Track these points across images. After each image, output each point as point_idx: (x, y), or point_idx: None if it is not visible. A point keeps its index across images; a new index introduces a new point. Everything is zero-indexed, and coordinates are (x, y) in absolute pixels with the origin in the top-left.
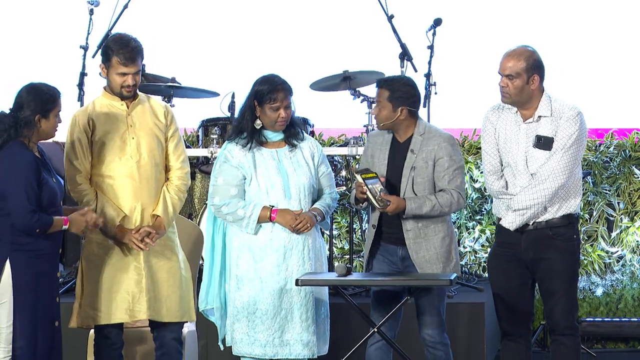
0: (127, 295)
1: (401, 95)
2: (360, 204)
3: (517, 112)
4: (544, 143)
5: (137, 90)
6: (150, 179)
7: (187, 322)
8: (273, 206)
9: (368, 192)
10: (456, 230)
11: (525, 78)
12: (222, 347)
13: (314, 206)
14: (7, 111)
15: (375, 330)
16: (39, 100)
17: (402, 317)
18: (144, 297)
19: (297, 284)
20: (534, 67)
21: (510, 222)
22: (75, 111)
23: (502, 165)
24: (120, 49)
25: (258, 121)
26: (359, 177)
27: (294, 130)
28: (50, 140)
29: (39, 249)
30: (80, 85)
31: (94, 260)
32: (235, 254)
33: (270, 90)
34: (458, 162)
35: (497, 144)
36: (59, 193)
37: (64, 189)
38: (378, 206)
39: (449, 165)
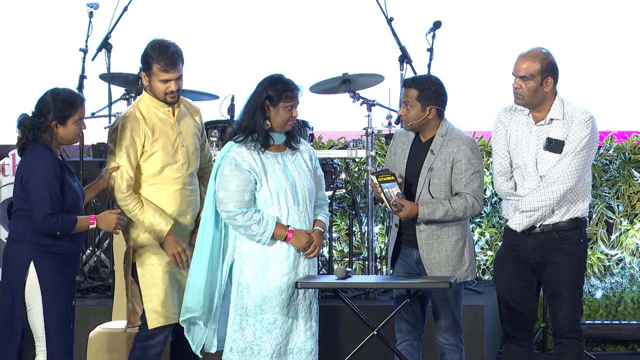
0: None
1: (430, 95)
2: (380, 204)
3: (529, 114)
4: (554, 146)
5: None
6: (196, 184)
7: None
8: (289, 226)
9: (383, 195)
10: None
11: (539, 80)
12: (199, 354)
13: (318, 219)
14: (30, 114)
15: (375, 332)
16: (56, 107)
17: (427, 320)
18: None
19: (296, 287)
20: (548, 69)
21: (517, 223)
22: (124, 118)
23: (511, 166)
24: (160, 55)
25: (267, 122)
26: (374, 179)
27: (294, 133)
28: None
29: (61, 252)
30: (80, 88)
31: (150, 264)
32: (240, 260)
33: (286, 89)
34: (476, 167)
35: (508, 145)
36: (81, 196)
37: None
38: (392, 210)
39: (467, 168)
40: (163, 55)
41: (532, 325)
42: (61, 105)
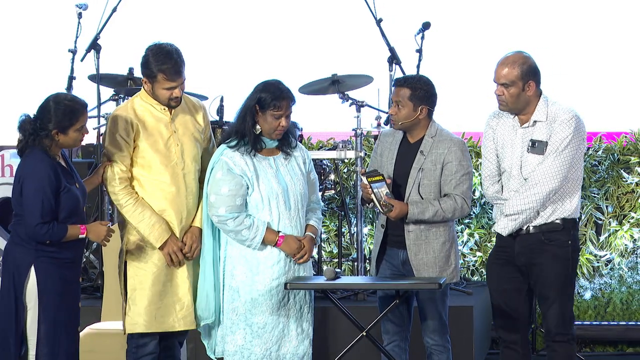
0: (176, 303)
1: (422, 95)
2: (367, 204)
3: (515, 117)
4: (537, 147)
5: None
6: (193, 186)
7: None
8: (280, 231)
9: (373, 196)
10: None
11: (520, 85)
12: (214, 358)
13: (310, 224)
14: (32, 116)
15: (364, 333)
16: (57, 117)
17: (412, 321)
18: (192, 306)
19: (285, 288)
20: (529, 73)
21: (503, 227)
22: (116, 111)
23: (500, 170)
24: (164, 64)
25: (257, 126)
26: (364, 179)
27: (288, 138)
28: None
29: (62, 257)
30: (69, 89)
31: (141, 267)
32: (231, 264)
33: (275, 97)
34: (466, 168)
35: (496, 149)
36: (81, 199)
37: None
38: (382, 210)
39: (457, 170)
40: (167, 64)
41: (526, 329)
42: (62, 117)
